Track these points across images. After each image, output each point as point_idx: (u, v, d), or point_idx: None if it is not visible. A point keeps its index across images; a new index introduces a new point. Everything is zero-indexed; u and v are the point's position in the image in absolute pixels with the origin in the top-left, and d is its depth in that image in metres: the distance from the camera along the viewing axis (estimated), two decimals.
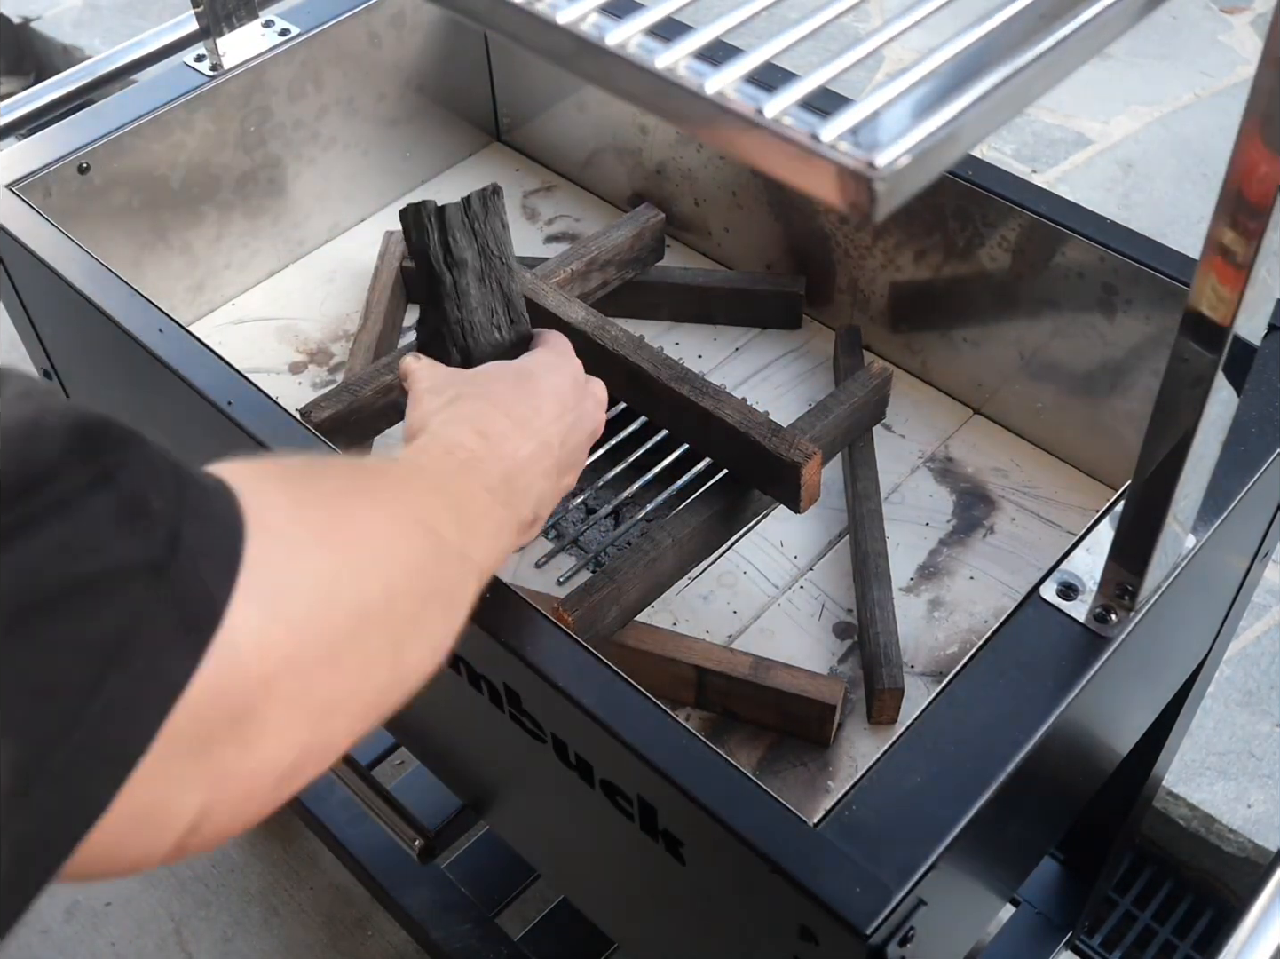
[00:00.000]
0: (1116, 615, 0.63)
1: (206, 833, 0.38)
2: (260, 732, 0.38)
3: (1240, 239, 0.49)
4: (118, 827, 0.34)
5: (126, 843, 0.36)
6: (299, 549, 0.41)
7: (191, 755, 0.36)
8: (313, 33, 1.04)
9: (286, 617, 0.39)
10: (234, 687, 0.36)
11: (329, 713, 0.42)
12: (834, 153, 0.31)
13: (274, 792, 0.40)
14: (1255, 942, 0.59)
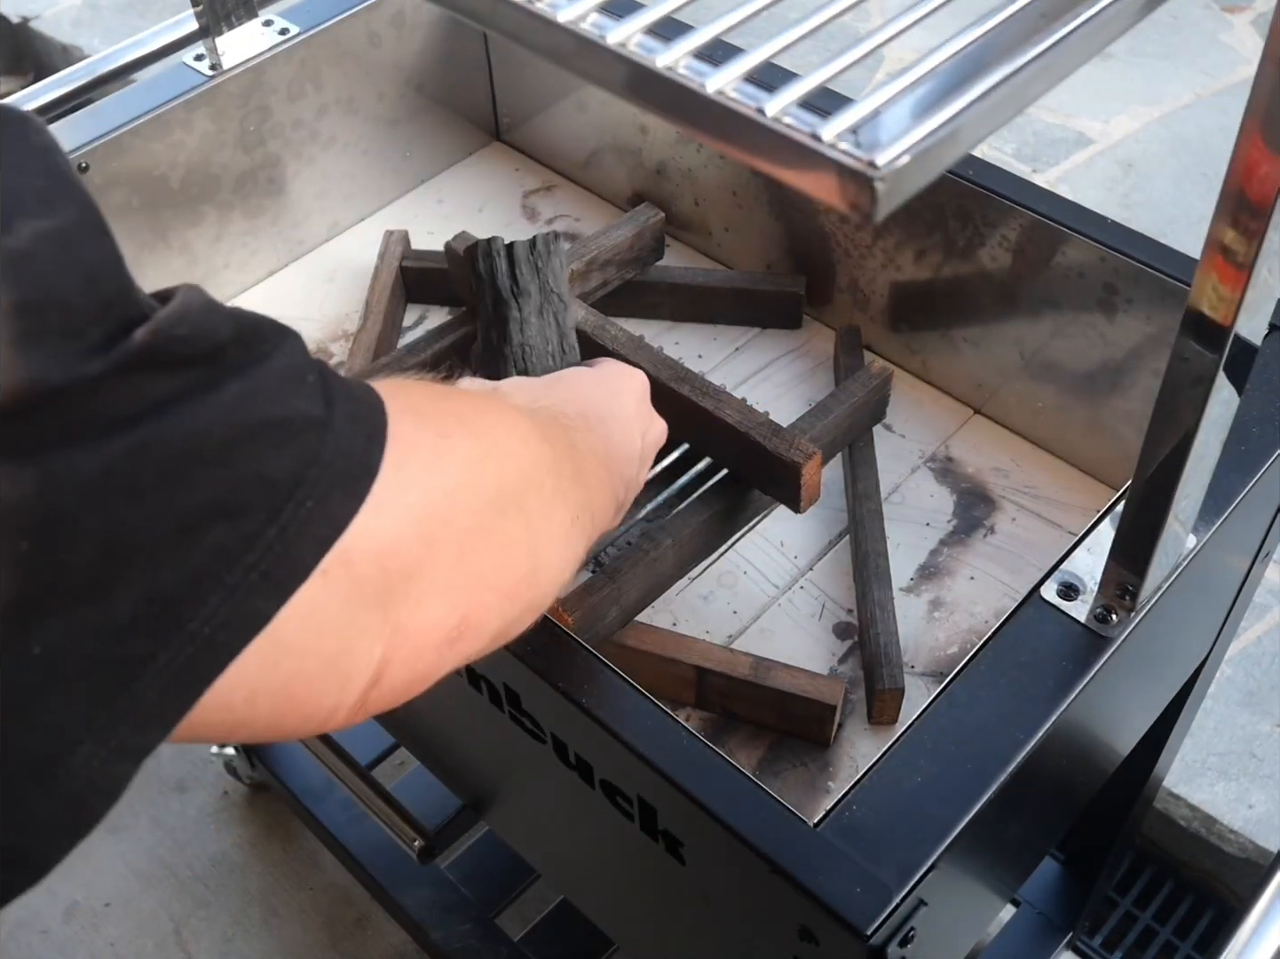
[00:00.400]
0: (1117, 615, 0.63)
1: (384, 687, 0.42)
2: (428, 589, 0.42)
3: (1241, 239, 0.49)
4: (312, 669, 0.39)
5: (320, 689, 0.40)
6: (445, 429, 0.45)
7: (372, 606, 0.40)
8: (312, 32, 1.04)
9: (439, 485, 0.43)
10: (401, 543, 0.41)
11: (482, 582, 0.46)
12: (834, 152, 0.31)
13: (440, 653, 0.44)
14: (1256, 942, 0.59)
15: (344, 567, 0.38)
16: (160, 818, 1.55)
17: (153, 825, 1.55)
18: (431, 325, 1.00)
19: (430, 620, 0.43)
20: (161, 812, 1.56)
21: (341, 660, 0.40)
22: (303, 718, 0.41)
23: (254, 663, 0.36)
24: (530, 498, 0.49)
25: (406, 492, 0.41)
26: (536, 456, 0.51)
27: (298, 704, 0.40)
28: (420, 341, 0.93)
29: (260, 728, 0.40)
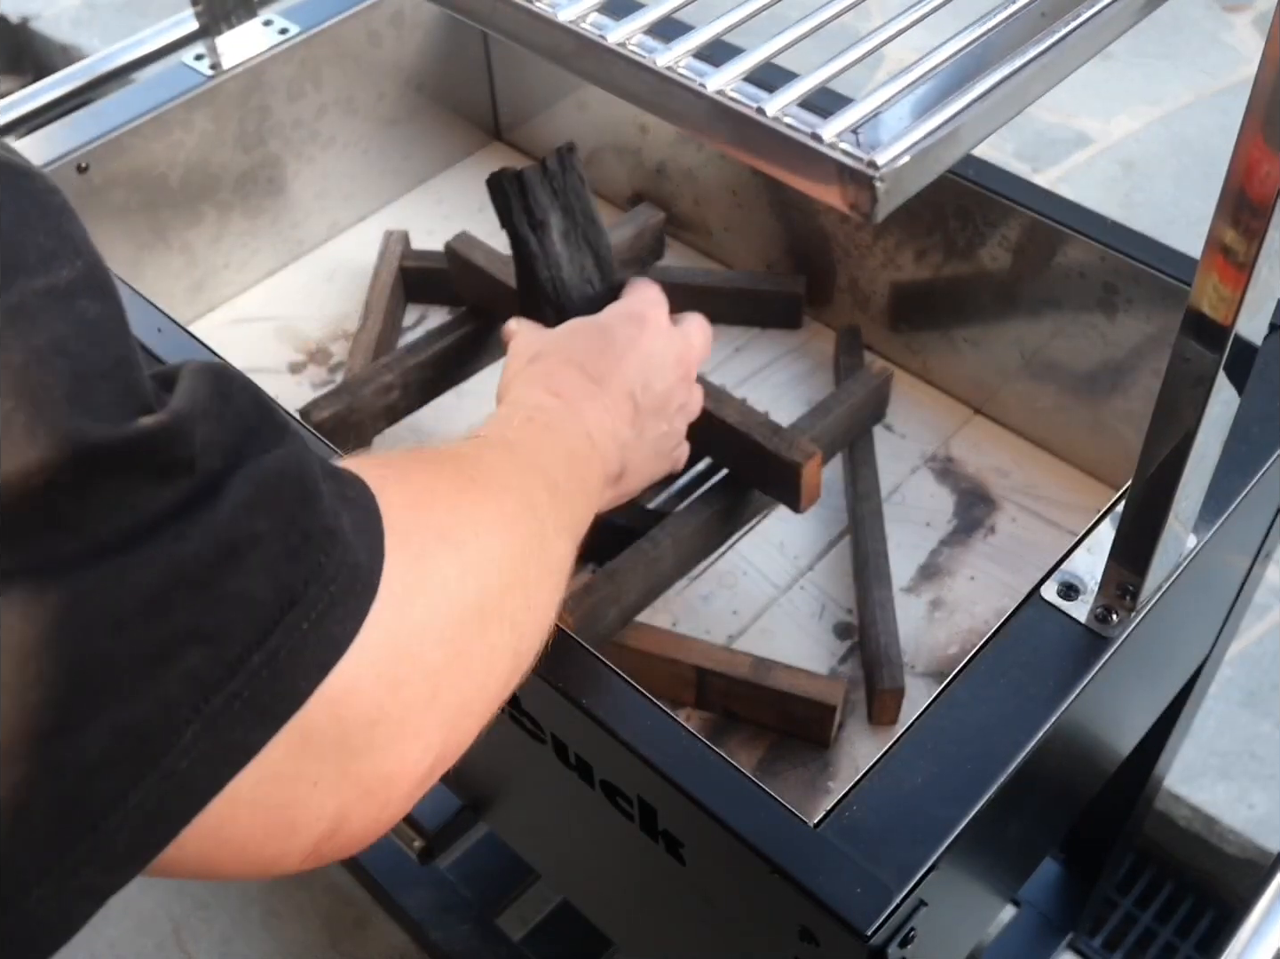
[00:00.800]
0: (1118, 616, 0.63)
1: (341, 839, 0.39)
2: (395, 735, 0.38)
3: (1242, 238, 0.49)
4: (258, 820, 0.35)
5: (265, 839, 0.36)
6: (423, 550, 0.41)
7: (330, 757, 0.36)
8: (312, 32, 1.04)
9: (407, 622, 0.39)
10: (359, 690, 0.37)
11: (460, 714, 0.42)
12: (835, 152, 0.31)
13: (408, 797, 0.40)
14: (1257, 943, 0.59)
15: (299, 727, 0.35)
16: None
17: None
18: (431, 325, 1.00)
19: (397, 768, 0.39)
20: None
21: (293, 812, 0.37)
22: (241, 864, 0.37)
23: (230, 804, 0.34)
24: (514, 593, 0.47)
25: (367, 631, 0.36)
26: (520, 544, 0.49)
27: (234, 851, 0.36)
28: (420, 341, 0.93)
29: (191, 870, 0.36)
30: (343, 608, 0.35)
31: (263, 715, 0.33)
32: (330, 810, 0.37)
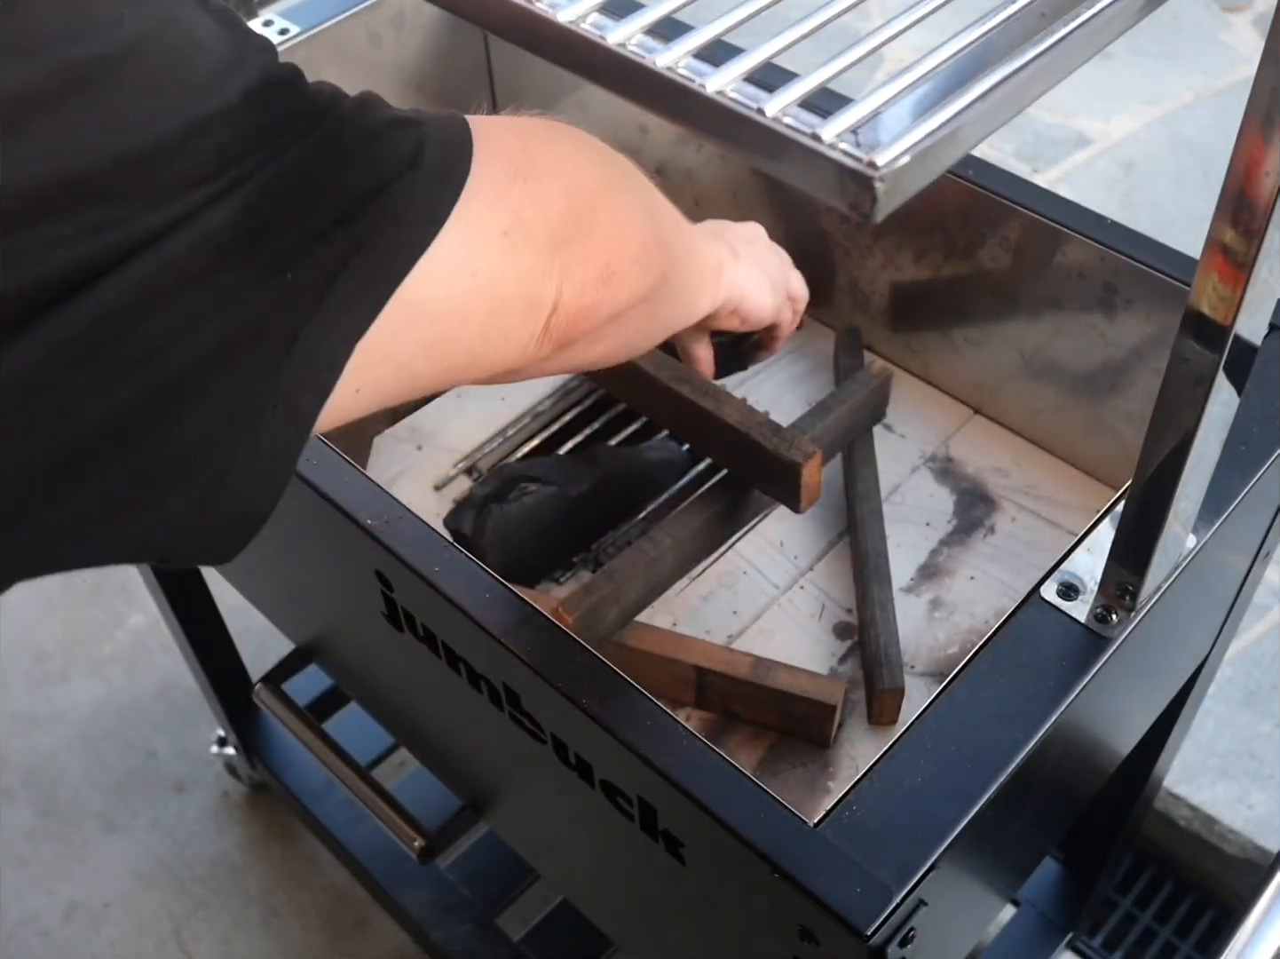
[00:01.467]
0: (1117, 615, 0.63)
1: (561, 315, 0.52)
2: (583, 237, 0.52)
3: (1241, 238, 0.49)
4: (514, 306, 0.50)
5: (519, 318, 0.50)
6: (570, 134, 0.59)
7: (546, 253, 0.50)
8: (312, 32, 1.04)
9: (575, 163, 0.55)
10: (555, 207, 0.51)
11: (618, 234, 0.56)
12: (835, 152, 0.31)
13: (597, 290, 0.53)
14: (1256, 943, 0.59)
15: (520, 227, 0.49)
16: (160, 819, 1.55)
17: (152, 826, 1.55)
18: None
19: (586, 260, 0.53)
20: (161, 812, 1.56)
21: (530, 293, 0.50)
22: (504, 347, 0.51)
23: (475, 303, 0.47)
24: (637, 180, 0.61)
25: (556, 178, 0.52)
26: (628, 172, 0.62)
27: (509, 334, 0.50)
28: None
29: (470, 360, 0.50)
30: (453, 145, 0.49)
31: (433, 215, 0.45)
32: (553, 289, 0.51)
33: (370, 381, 0.45)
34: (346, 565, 0.79)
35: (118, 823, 1.55)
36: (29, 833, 1.55)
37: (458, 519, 0.83)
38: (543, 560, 0.87)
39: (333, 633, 0.98)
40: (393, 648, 0.79)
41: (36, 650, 1.71)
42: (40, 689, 1.68)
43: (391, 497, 0.71)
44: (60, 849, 1.53)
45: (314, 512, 0.74)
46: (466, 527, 0.82)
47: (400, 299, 0.44)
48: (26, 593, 1.68)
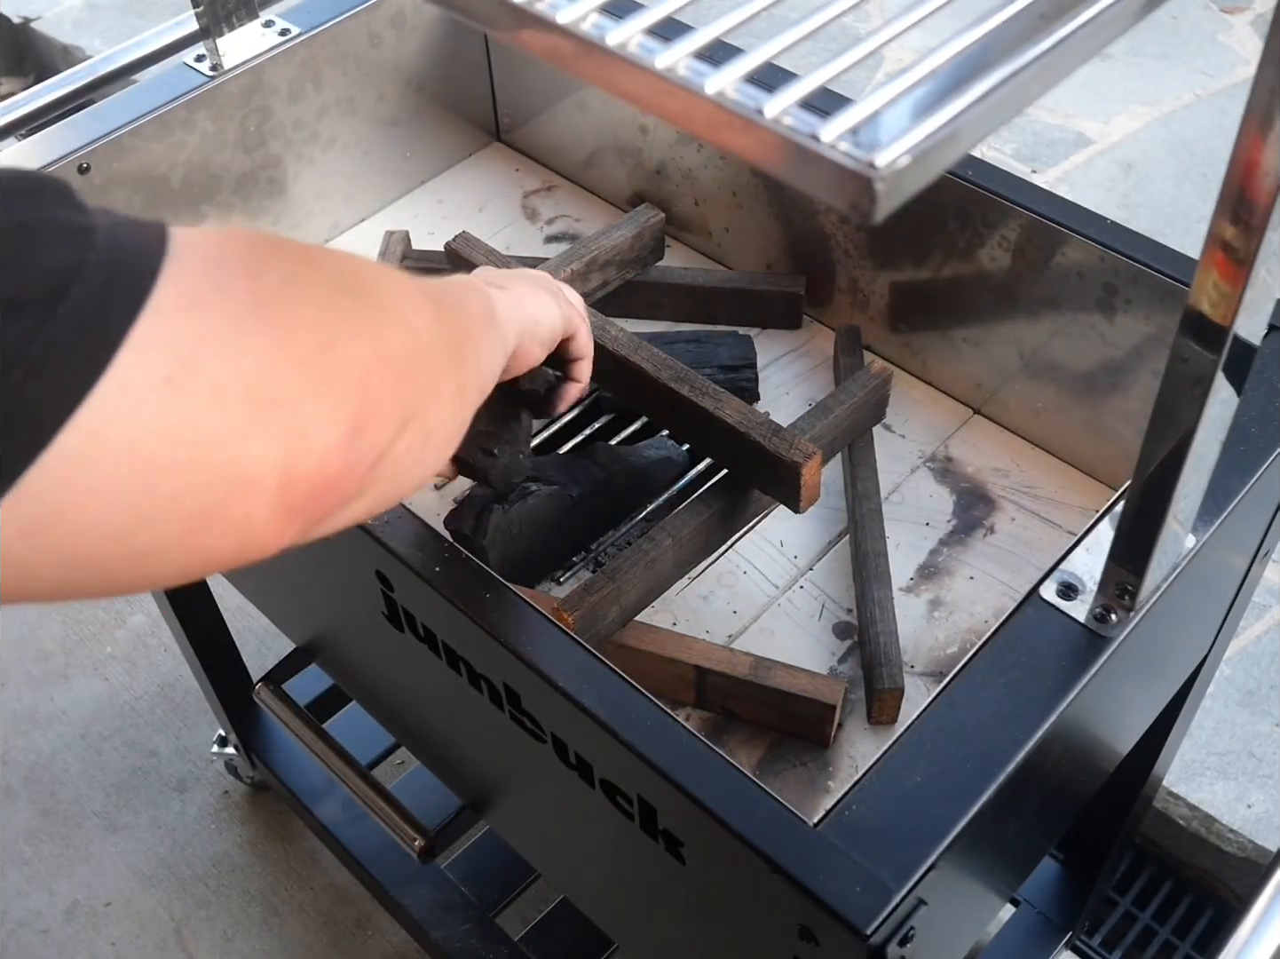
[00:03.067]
0: (1116, 615, 0.63)
1: (299, 490, 0.41)
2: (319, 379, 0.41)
3: (1240, 239, 0.49)
4: (210, 482, 0.38)
5: (227, 499, 0.39)
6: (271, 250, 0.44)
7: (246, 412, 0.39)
8: (313, 33, 1.04)
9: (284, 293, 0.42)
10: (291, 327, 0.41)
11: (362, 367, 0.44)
12: (834, 153, 0.31)
13: (348, 448, 0.43)
14: (1255, 942, 0.59)
15: (189, 374, 0.37)
16: (161, 818, 1.55)
17: (153, 825, 1.55)
18: None
19: (319, 419, 0.41)
20: (162, 811, 1.56)
21: (231, 470, 0.39)
22: (219, 535, 0.39)
23: (128, 482, 0.36)
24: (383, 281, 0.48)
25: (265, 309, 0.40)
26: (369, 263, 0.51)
27: (201, 520, 0.39)
28: None
29: (175, 555, 0.39)
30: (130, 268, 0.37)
31: (84, 358, 0.35)
32: (274, 459, 0.40)
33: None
34: (347, 565, 0.79)
35: (118, 822, 1.55)
36: (30, 832, 1.55)
37: (458, 520, 0.83)
38: (544, 560, 0.87)
39: (333, 633, 0.98)
40: (393, 648, 0.80)
41: (37, 650, 1.71)
42: (41, 688, 1.68)
43: None
44: (61, 848, 1.53)
45: None
46: (468, 527, 0.82)
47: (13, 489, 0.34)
48: None
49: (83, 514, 0.36)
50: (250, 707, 1.35)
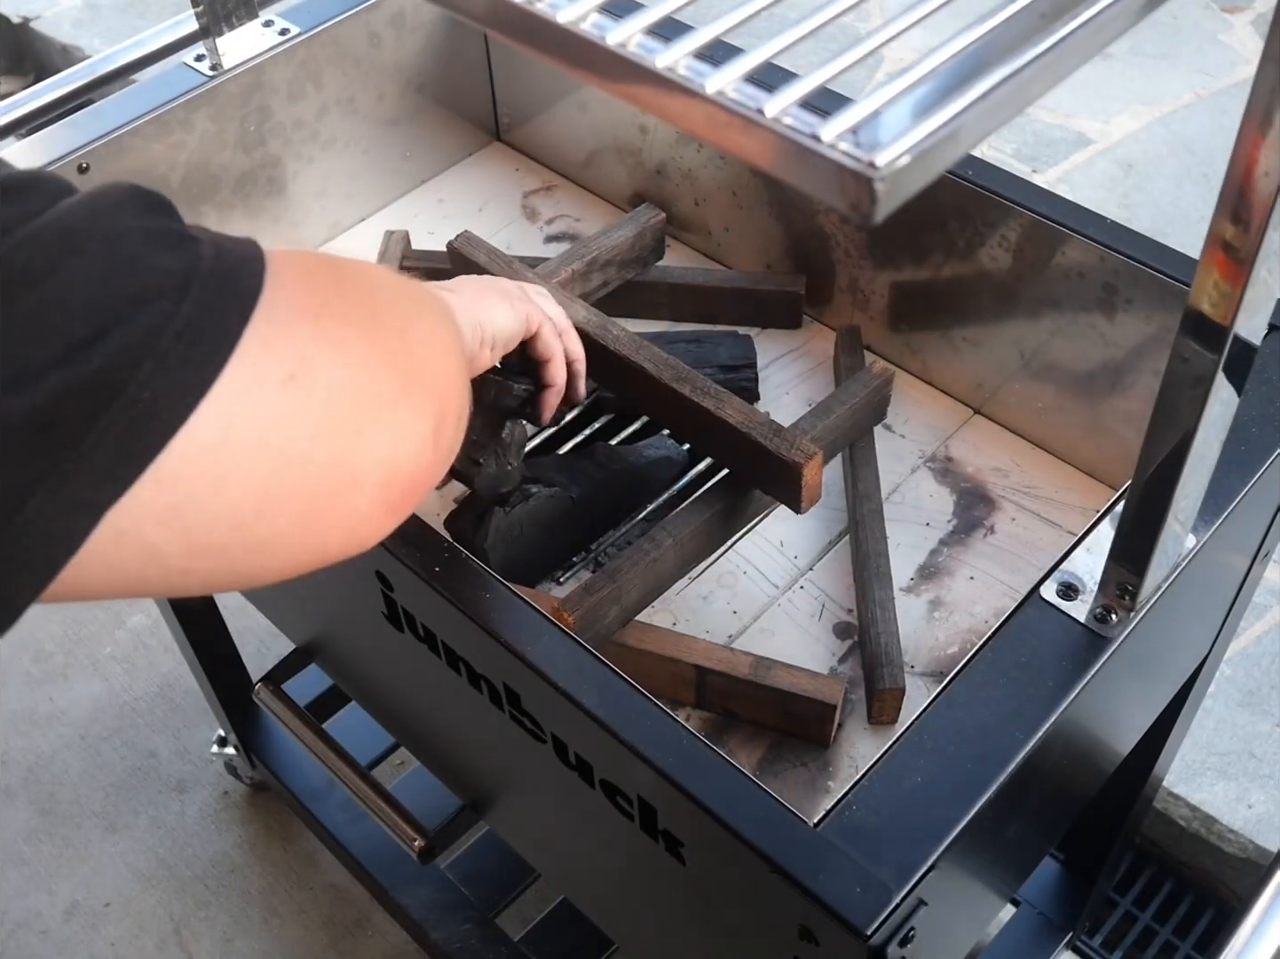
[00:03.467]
0: (1117, 615, 0.63)
1: (396, 486, 0.45)
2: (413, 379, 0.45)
3: (1241, 238, 0.49)
4: (318, 479, 0.41)
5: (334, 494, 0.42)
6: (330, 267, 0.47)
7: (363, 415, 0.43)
8: (312, 32, 1.04)
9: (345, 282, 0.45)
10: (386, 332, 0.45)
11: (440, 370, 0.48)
12: (834, 152, 0.31)
13: (435, 443, 0.46)
14: (1256, 942, 0.59)
15: (308, 372, 0.40)
16: (160, 818, 1.55)
17: (153, 825, 1.55)
18: None
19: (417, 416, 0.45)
20: (162, 812, 1.56)
21: (341, 467, 0.42)
22: (330, 527, 0.43)
23: (256, 472, 0.39)
24: (424, 297, 0.52)
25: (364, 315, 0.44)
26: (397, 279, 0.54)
27: (315, 513, 0.42)
28: None
29: (291, 545, 0.42)
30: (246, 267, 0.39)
31: (206, 351, 0.37)
32: (379, 455, 0.43)
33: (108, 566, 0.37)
34: (346, 565, 0.79)
35: (118, 822, 1.55)
36: (29, 832, 1.55)
37: (459, 522, 0.83)
38: (544, 561, 0.87)
39: (333, 633, 0.98)
40: (393, 648, 0.79)
41: (37, 650, 1.71)
42: (41, 689, 1.68)
43: None
44: (61, 848, 1.53)
45: None
46: (469, 530, 0.82)
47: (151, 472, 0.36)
48: None
49: (213, 501, 0.38)
50: (250, 707, 1.35)
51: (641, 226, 1.01)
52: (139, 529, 0.37)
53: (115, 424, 0.35)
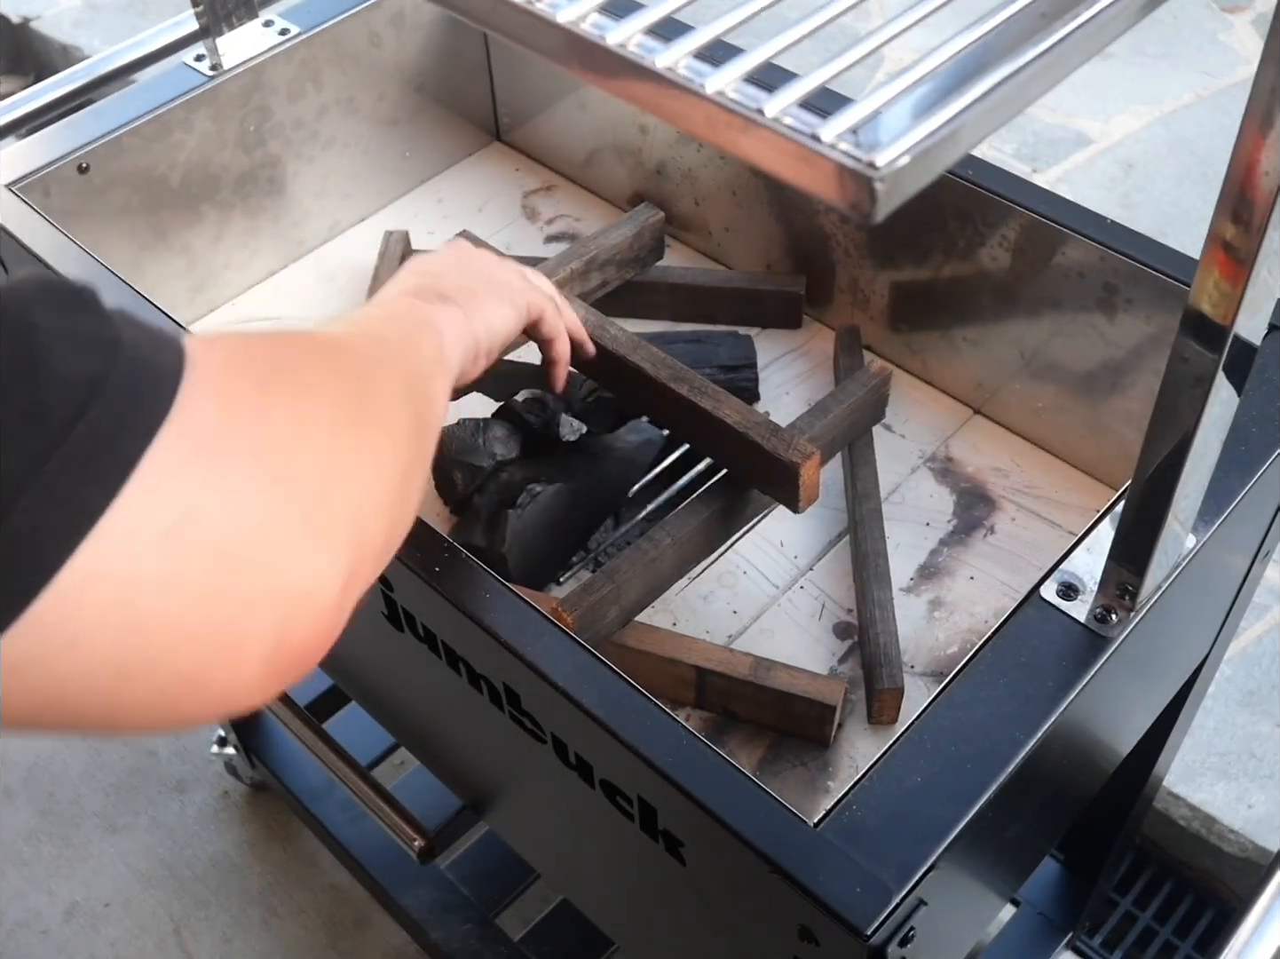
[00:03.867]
0: (1117, 615, 0.63)
1: (288, 654, 0.40)
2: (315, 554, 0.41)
3: (1241, 238, 0.49)
4: (208, 645, 0.37)
5: (217, 661, 0.38)
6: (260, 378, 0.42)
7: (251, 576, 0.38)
8: (312, 32, 1.04)
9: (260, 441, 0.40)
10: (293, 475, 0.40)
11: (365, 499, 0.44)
12: (834, 152, 0.31)
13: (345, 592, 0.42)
14: (1256, 942, 0.59)
15: (191, 529, 0.36)
16: (160, 818, 1.55)
17: (153, 826, 1.55)
18: None
19: (320, 575, 0.41)
20: (161, 812, 1.56)
21: (229, 633, 0.38)
22: (200, 697, 0.38)
23: (112, 636, 0.35)
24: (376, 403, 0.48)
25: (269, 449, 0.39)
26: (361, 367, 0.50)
27: (184, 684, 0.37)
28: None
29: (150, 713, 0.38)
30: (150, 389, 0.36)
31: (96, 478, 0.34)
32: (268, 624, 0.39)
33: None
34: None
35: (118, 822, 1.55)
36: (29, 832, 1.55)
37: (467, 532, 0.83)
38: (555, 557, 0.87)
39: None
40: (393, 648, 0.79)
41: None
42: None
43: None
44: (60, 849, 1.53)
45: None
46: (481, 537, 0.82)
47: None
48: None
49: (66, 664, 0.34)
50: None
51: (640, 226, 1.01)
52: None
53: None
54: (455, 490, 0.87)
